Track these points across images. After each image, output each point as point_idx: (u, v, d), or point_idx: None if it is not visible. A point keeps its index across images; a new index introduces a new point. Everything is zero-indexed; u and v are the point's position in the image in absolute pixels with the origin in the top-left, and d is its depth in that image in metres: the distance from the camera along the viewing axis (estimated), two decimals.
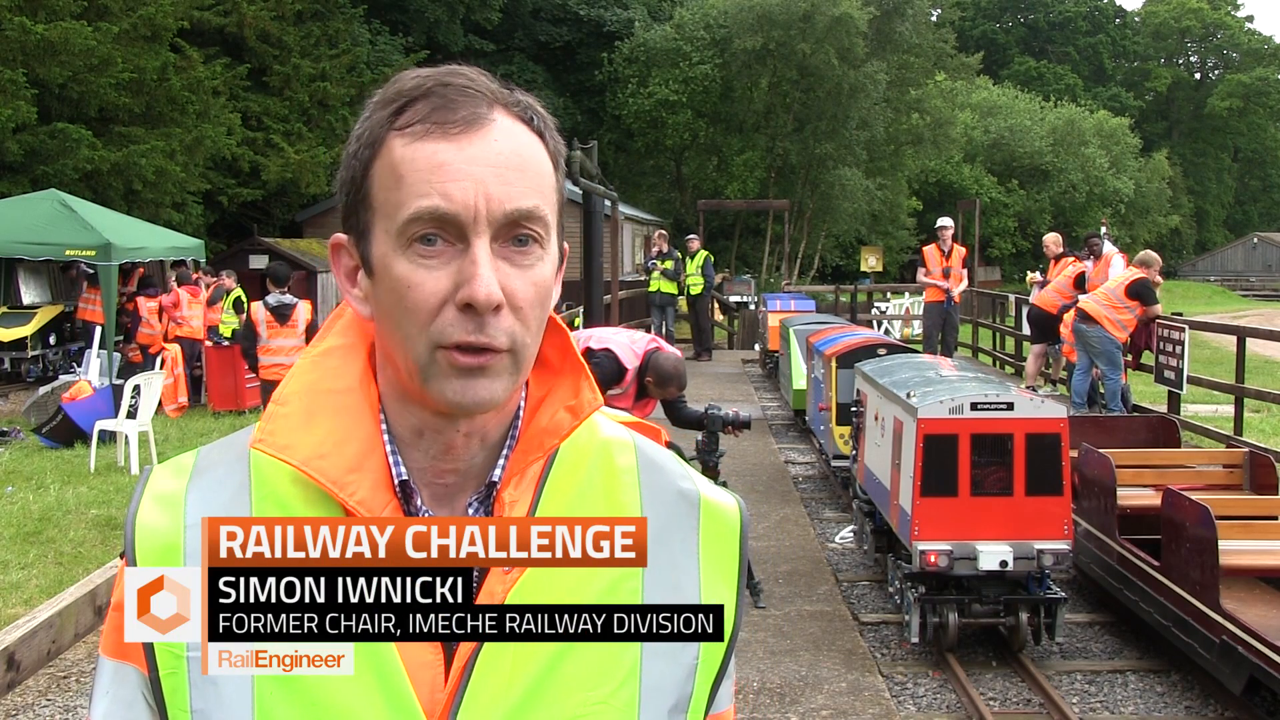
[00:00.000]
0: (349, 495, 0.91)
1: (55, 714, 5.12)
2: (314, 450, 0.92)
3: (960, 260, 14.84)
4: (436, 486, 0.96)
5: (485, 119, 0.90)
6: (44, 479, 9.45)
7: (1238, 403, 10.55)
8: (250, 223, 23.88)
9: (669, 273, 18.27)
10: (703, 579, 0.99)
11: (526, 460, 0.96)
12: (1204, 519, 5.26)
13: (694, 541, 1.00)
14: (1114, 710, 5.60)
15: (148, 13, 17.99)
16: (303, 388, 0.97)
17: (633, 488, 1.00)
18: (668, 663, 0.96)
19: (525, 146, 0.91)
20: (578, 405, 0.98)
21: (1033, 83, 66.90)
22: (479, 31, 33.26)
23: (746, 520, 1.05)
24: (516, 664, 0.91)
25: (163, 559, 0.91)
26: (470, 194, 0.87)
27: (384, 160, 0.91)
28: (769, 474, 10.14)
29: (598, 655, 0.93)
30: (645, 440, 1.06)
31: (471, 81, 0.92)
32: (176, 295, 14.33)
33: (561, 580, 0.92)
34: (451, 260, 0.88)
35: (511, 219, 0.89)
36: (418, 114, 0.90)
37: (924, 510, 5.68)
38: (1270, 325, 18.99)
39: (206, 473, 0.96)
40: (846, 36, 32.34)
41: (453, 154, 0.88)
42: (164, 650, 0.89)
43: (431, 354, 0.89)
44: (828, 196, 35.91)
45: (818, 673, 5.55)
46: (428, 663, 0.90)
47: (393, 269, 0.90)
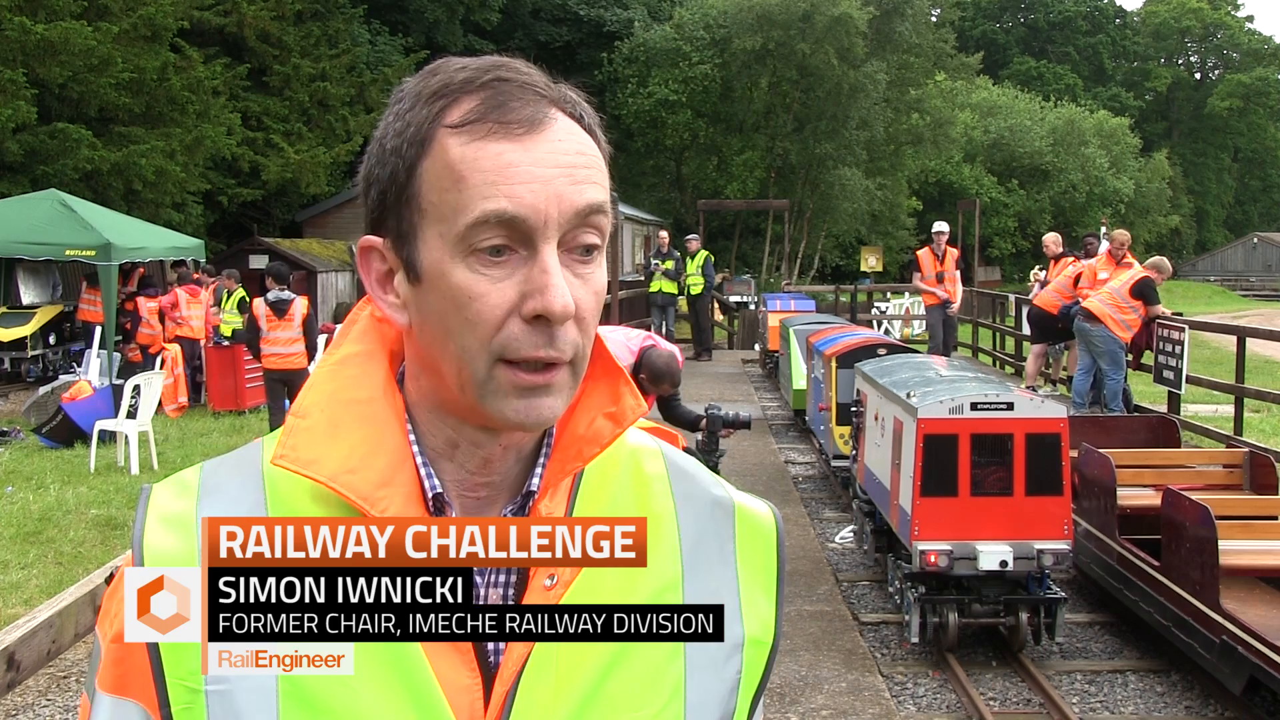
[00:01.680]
0: (380, 511, 0.85)
1: (55, 714, 5.12)
2: (342, 464, 0.87)
3: (954, 263, 14.83)
4: (469, 500, 0.91)
5: (548, 119, 0.85)
6: (44, 479, 9.45)
7: (1238, 403, 10.55)
8: (250, 223, 23.89)
9: (669, 273, 18.27)
10: (742, 589, 0.96)
11: (564, 470, 0.92)
12: (1204, 519, 5.26)
13: (731, 550, 0.97)
14: (1114, 710, 5.61)
15: (148, 13, 17.99)
16: (323, 398, 0.91)
17: (665, 496, 0.97)
18: (712, 677, 0.92)
19: (586, 145, 0.87)
20: (619, 412, 0.93)
21: (1033, 83, 66.89)
22: (479, 32, 33.26)
23: (782, 527, 1.01)
24: (560, 687, 0.87)
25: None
26: (540, 196, 0.82)
27: (436, 159, 0.84)
28: (769, 474, 10.14)
29: (642, 673, 0.89)
30: (670, 447, 1.03)
31: (527, 76, 0.87)
32: (175, 296, 14.34)
33: (603, 590, 0.89)
34: (517, 269, 0.83)
35: (582, 215, 0.84)
36: (474, 111, 0.84)
37: (924, 510, 5.68)
38: (1270, 325, 18.99)
39: (216, 492, 0.90)
40: (846, 36, 32.33)
41: (519, 155, 0.83)
42: (177, 684, 0.84)
43: (491, 369, 0.84)
44: (828, 196, 35.90)
45: (818, 673, 5.54)
46: (465, 687, 0.86)
47: (450, 277, 0.84)
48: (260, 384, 13.60)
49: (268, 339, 10.19)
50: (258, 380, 13.62)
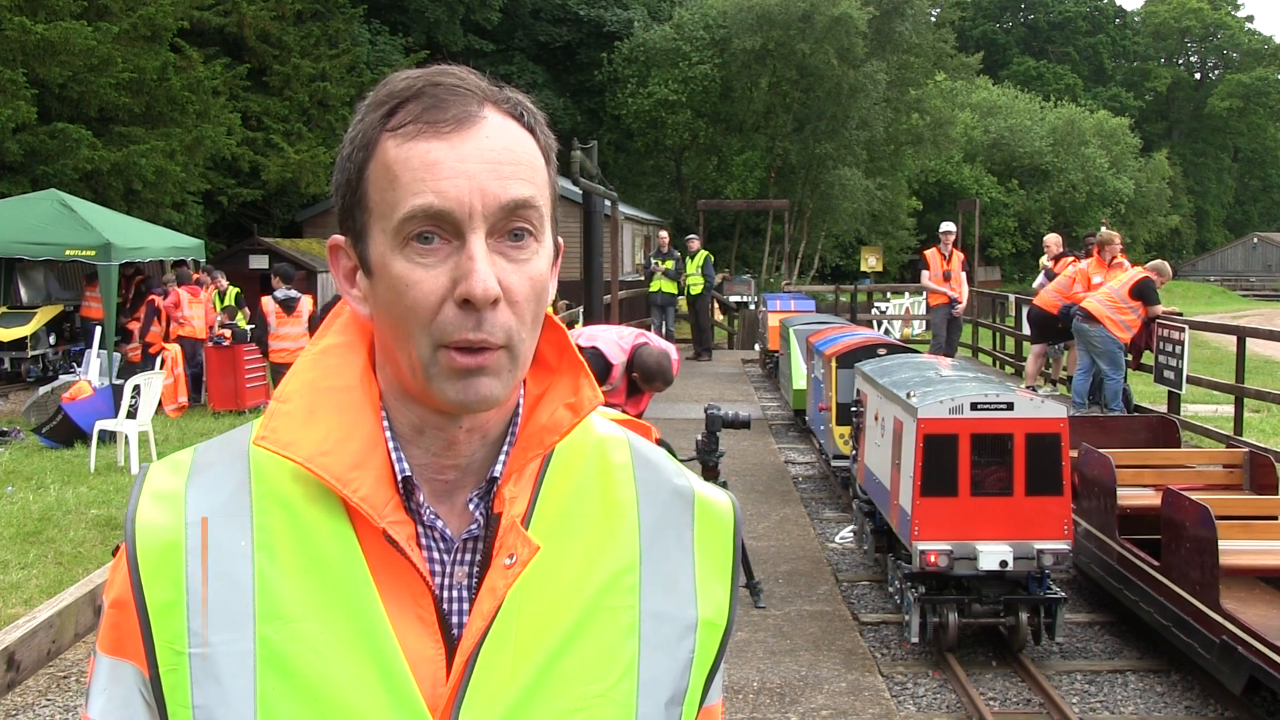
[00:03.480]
0: (352, 491, 0.91)
1: (55, 714, 5.12)
2: (317, 447, 0.92)
3: (960, 264, 14.89)
4: (437, 482, 0.96)
5: (476, 117, 0.90)
6: (44, 479, 9.45)
7: (1238, 403, 10.55)
8: (250, 223, 23.89)
9: (669, 273, 18.27)
10: (698, 574, 1.01)
11: (526, 457, 0.97)
12: (1204, 519, 5.26)
13: (689, 537, 1.02)
14: (1114, 710, 5.60)
15: (148, 13, 17.99)
16: (304, 385, 0.97)
17: (628, 484, 1.02)
18: (665, 656, 0.98)
19: (517, 142, 0.92)
20: (577, 403, 0.99)
21: (1033, 83, 66.93)
22: (479, 31, 33.28)
23: (740, 515, 1.07)
24: (518, 659, 0.92)
25: (164, 556, 0.92)
26: (464, 190, 0.88)
27: (378, 162, 0.91)
28: (769, 474, 10.14)
29: (596, 649, 0.95)
30: (639, 438, 1.08)
31: (461, 80, 0.92)
32: (176, 295, 14.35)
33: (562, 575, 0.95)
34: (449, 258, 0.89)
35: (507, 209, 0.89)
36: (409, 114, 0.90)
37: (924, 510, 5.68)
38: (1270, 325, 18.99)
39: (205, 470, 0.96)
40: (846, 36, 32.35)
41: (445, 152, 0.89)
42: (164, 647, 0.90)
43: (434, 353, 0.90)
44: (828, 196, 35.92)
45: (818, 673, 5.54)
46: (429, 657, 0.91)
47: (391, 268, 0.90)
48: (260, 384, 13.66)
49: (277, 334, 11.08)
50: (258, 380, 13.64)
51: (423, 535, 0.94)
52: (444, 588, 0.94)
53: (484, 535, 0.96)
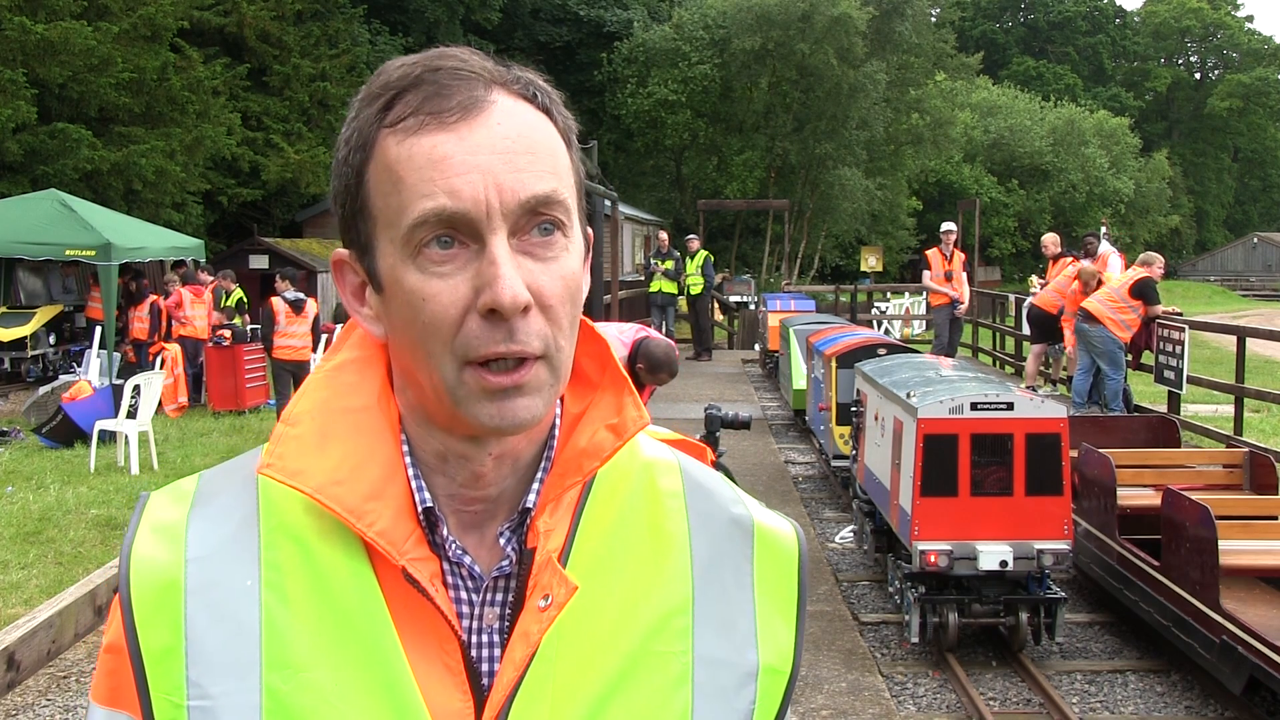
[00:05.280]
0: (368, 525, 0.81)
1: (55, 714, 5.12)
2: (329, 476, 0.82)
3: (961, 264, 14.91)
4: (464, 514, 0.86)
5: (484, 102, 0.80)
6: (44, 479, 9.45)
7: (1238, 403, 10.55)
8: (250, 223, 23.88)
9: (669, 273, 18.28)
10: (758, 614, 0.91)
11: (563, 485, 0.86)
12: (1204, 519, 5.26)
13: (748, 573, 0.91)
14: (1114, 710, 5.60)
15: (148, 13, 17.98)
16: (315, 406, 0.87)
17: (679, 514, 0.91)
18: (722, 707, 0.87)
19: (532, 127, 0.81)
20: (620, 424, 0.88)
21: (1032, 83, 66.90)
22: (479, 31, 33.26)
23: (805, 547, 0.96)
24: (555, 713, 0.82)
25: (161, 597, 0.82)
26: (479, 187, 0.78)
27: (378, 163, 0.81)
28: (769, 474, 10.14)
29: (644, 701, 0.84)
30: (691, 461, 0.97)
31: (464, 63, 0.82)
32: (179, 295, 14.36)
33: (604, 617, 0.85)
34: (468, 264, 0.79)
35: (529, 207, 0.79)
36: (409, 106, 0.80)
37: (924, 510, 5.68)
38: (1270, 325, 18.99)
39: (210, 501, 0.87)
40: (845, 36, 32.33)
41: (453, 145, 0.78)
42: (160, 699, 0.81)
43: (459, 373, 0.79)
44: (828, 196, 35.90)
45: (818, 673, 5.54)
46: (456, 711, 0.81)
47: (404, 282, 0.80)
48: (260, 384, 13.67)
49: (284, 333, 11.54)
50: (258, 380, 13.65)
51: (449, 573, 0.84)
52: (472, 631, 0.84)
53: (517, 572, 0.85)
